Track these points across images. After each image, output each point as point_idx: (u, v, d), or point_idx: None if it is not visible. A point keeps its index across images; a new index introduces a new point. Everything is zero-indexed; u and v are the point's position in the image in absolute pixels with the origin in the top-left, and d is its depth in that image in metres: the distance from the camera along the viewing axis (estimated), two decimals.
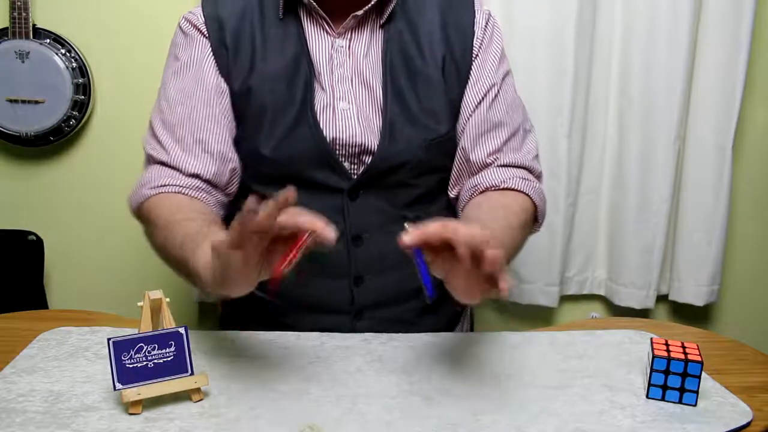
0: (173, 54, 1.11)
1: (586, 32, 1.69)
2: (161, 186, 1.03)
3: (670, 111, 1.71)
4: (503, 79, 1.13)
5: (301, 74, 1.05)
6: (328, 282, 1.07)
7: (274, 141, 1.04)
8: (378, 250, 1.07)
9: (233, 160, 1.08)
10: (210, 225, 0.91)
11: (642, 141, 1.74)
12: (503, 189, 1.07)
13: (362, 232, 1.07)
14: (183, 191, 1.03)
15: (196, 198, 1.03)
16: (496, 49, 1.12)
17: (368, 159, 1.05)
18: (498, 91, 1.11)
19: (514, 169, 1.10)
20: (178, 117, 1.06)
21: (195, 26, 1.08)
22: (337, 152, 1.05)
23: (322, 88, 1.06)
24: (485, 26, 1.11)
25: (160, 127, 1.07)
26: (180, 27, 1.10)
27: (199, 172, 1.04)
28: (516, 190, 1.07)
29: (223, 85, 1.07)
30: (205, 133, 1.05)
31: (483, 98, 1.10)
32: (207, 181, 1.05)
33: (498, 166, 1.09)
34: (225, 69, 1.06)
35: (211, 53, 1.06)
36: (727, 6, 1.66)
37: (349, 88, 1.06)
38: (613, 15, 1.71)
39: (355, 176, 1.06)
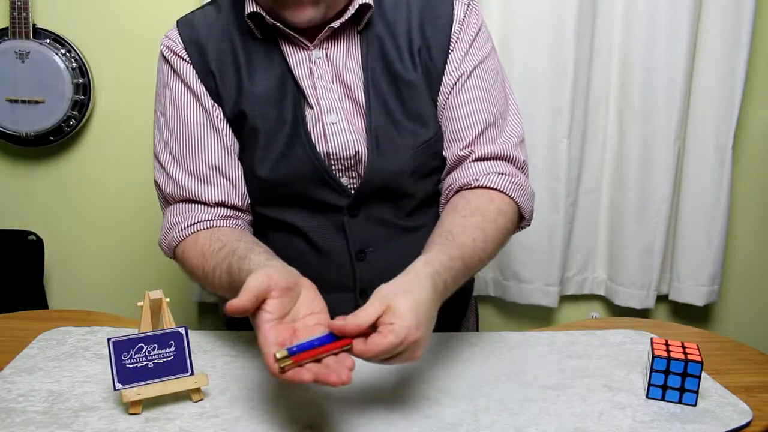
0: (163, 82, 1.07)
1: (586, 32, 1.69)
2: (190, 225, 1.01)
3: (670, 111, 1.71)
4: (476, 66, 1.06)
5: (289, 93, 1.03)
6: (333, 296, 1.04)
7: (269, 163, 1.02)
8: (383, 262, 1.05)
9: (244, 184, 1.06)
10: (243, 257, 0.88)
11: (642, 141, 1.74)
12: (477, 188, 1.01)
13: (366, 247, 1.05)
14: (213, 224, 1.01)
15: (226, 227, 1.01)
16: (469, 36, 1.06)
17: (363, 170, 1.03)
18: (467, 81, 1.05)
19: (491, 162, 1.04)
20: (186, 148, 1.03)
21: (176, 53, 1.04)
22: (333, 168, 1.03)
23: (309, 105, 1.03)
24: (463, 18, 1.06)
25: (170, 162, 1.04)
26: (162, 55, 1.07)
27: (223, 200, 1.02)
28: (492, 189, 1.01)
29: (218, 109, 1.04)
30: (218, 159, 1.03)
31: (451, 90, 1.05)
32: (232, 207, 1.04)
33: (473, 160, 1.04)
34: (215, 93, 1.04)
35: (199, 79, 1.04)
36: (727, 6, 1.66)
37: (334, 100, 1.04)
38: (613, 15, 1.71)
39: (353, 191, 1.04)
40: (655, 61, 1.69)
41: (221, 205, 1.03)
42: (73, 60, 1.69)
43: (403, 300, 0.75)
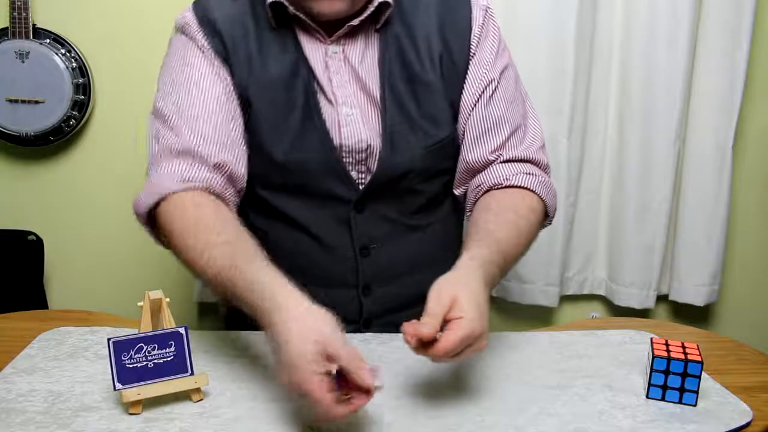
0: (177, 49, 1.05)
1: (586, 32, 1.69)
2: (187, 180, 0.96)
3: (670, 111, 1.71)
4: (501, 73, 1.09)
5: (300, 80, 1.03)
6: (335, 292, 1.05)
7: (284, 146, 1.02)
8: (386, 259, 1.06)
9: (245, 161, 1.04)
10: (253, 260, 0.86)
11: (642, 141, 1.74)
12: (507, 187, 1.04)
13: (369, 243, 1.06)
14: (209, 183, 0.97)
15: (220, 202, 0.98)
16: (493, 43, 1.09)
17: (374, 165, 1.04)
18: (496, 87, 1.08)
19: (518, 164, 1.07)
20: (196, 109, 1.00)
21: (191, 26, 1.04)
22: (345, 159, 1.04)
23: (325, 96, 1.04)
24: (482, 23, 1.08)
25: (175, 117, 1.00)
26: (177, 29, 1.07)
27: (223, 161, 0.99)
28: (522, 188, 1.04)
29: (231, 87, 1.03)
30: (226, 126, 1.01)
31: (480, 95, 1.07)
32: (228, 177, 1.01)
33: (501, 162, 1.07)
34: (227, 72, 1.03)
35: (213, 54, 1.03)
36: (727, 6, 1.66)
37: (349, 94, 1.04)
38: (613, 15, 1.71)
39: (362, 186, 1.05)
40: (655, 61, 1.69)
41: (219, 169, 0.99)
42: (73, 60, 1.69)
43: (464, 293, 0.79)
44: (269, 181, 1.06)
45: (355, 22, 1.02)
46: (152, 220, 1.00)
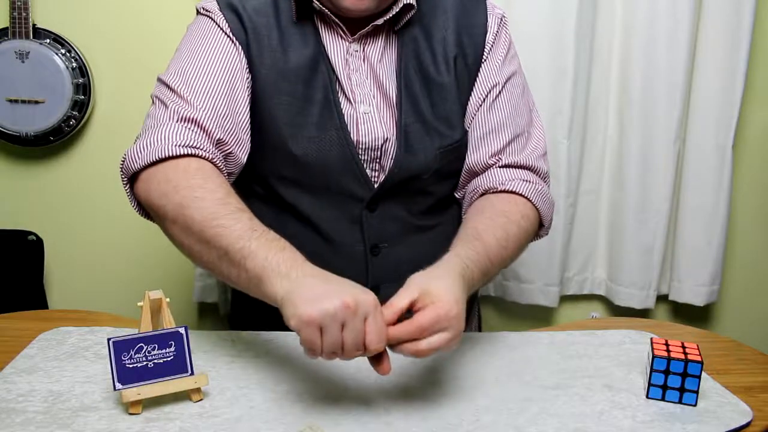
0: (196, 27, 1.05)
1: (586, 32, 1.69)
2: (192, 146, 0.93)
3: (670, 111, 1.71)
4: (508, 79, 1.11)
5: (320, 75, 1.04)
6: None
7: (301, 142, 1.02)
8: (395, 259, 1.07)
9: (245, 148, 1.02)
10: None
11: (642, 141, 1.74)
12: (502, 192, 1.05)
13: (380, 243, 1.07)
14: (213, 157, 0.94)
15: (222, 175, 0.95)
16: (502, 49, 1.11)
17: (388, 164, 1.05)
18: (500, 92, 1.09)
19: (516, 170, 1.08)
20: (209, 83, 0.99)
21: (214, 13, 1.03)
22: (360, 157, 1.04)
23: (343, 91, 1.05)
24: (497, 30, 1.10)
25: (185, 87, 0.98)
26: (200, 13, 1.06)
27: (224, 139, 0.97)
28: (516, 194, 1.05)
29: (247, 74, 1.03)
30: (234, 106, 1.00)
31: (485, 99, 1.09)
32: (225, 155, 0.99)
33: (499, 167, 1.08)
34: (245, 57, 1.03)
35: (234, 37, 1.02)
36: (727, 6, 1.66)
37: (366, 92, 1.05)
38: (613, 15, 1.71)
39: (376, 185, 1.05)
40: (655, 61, 1.69)
41: (219, 146, 0.98)
42: (73, 60, 1.69)
43: (438, 283, 0.79)
44: (283, 174, 1.06)
45: (380, 21, 1.03)
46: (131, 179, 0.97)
